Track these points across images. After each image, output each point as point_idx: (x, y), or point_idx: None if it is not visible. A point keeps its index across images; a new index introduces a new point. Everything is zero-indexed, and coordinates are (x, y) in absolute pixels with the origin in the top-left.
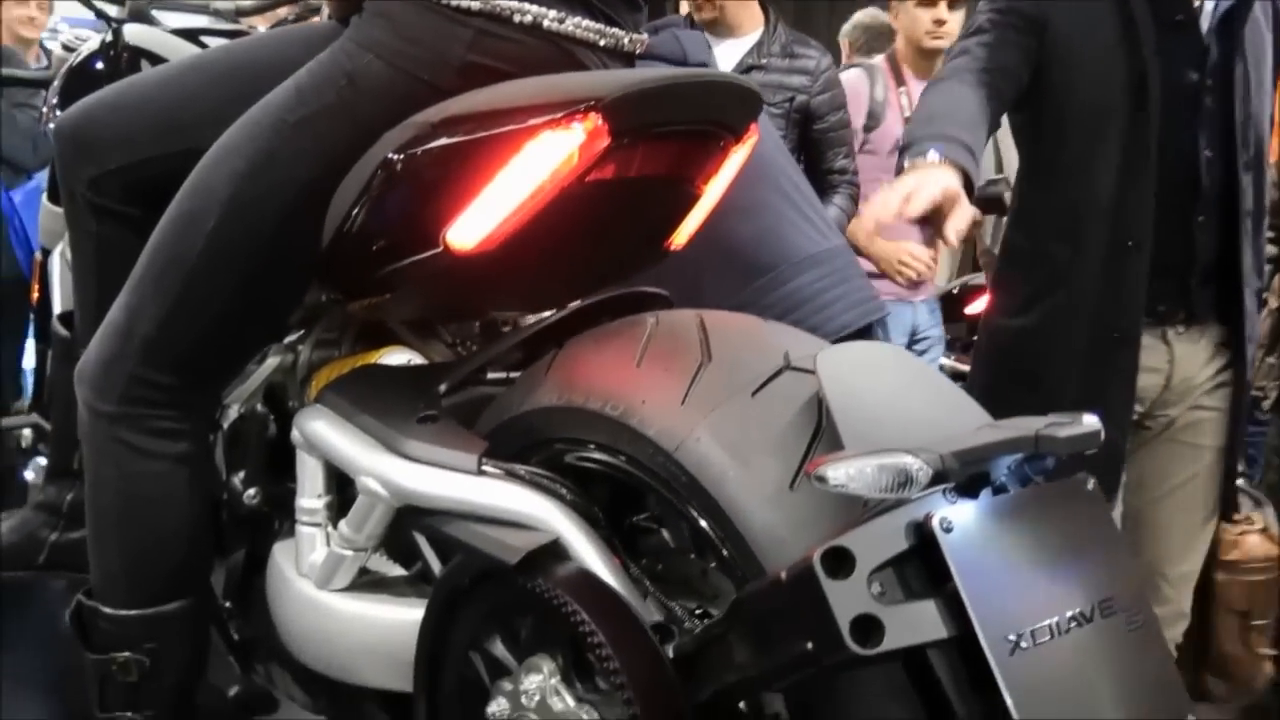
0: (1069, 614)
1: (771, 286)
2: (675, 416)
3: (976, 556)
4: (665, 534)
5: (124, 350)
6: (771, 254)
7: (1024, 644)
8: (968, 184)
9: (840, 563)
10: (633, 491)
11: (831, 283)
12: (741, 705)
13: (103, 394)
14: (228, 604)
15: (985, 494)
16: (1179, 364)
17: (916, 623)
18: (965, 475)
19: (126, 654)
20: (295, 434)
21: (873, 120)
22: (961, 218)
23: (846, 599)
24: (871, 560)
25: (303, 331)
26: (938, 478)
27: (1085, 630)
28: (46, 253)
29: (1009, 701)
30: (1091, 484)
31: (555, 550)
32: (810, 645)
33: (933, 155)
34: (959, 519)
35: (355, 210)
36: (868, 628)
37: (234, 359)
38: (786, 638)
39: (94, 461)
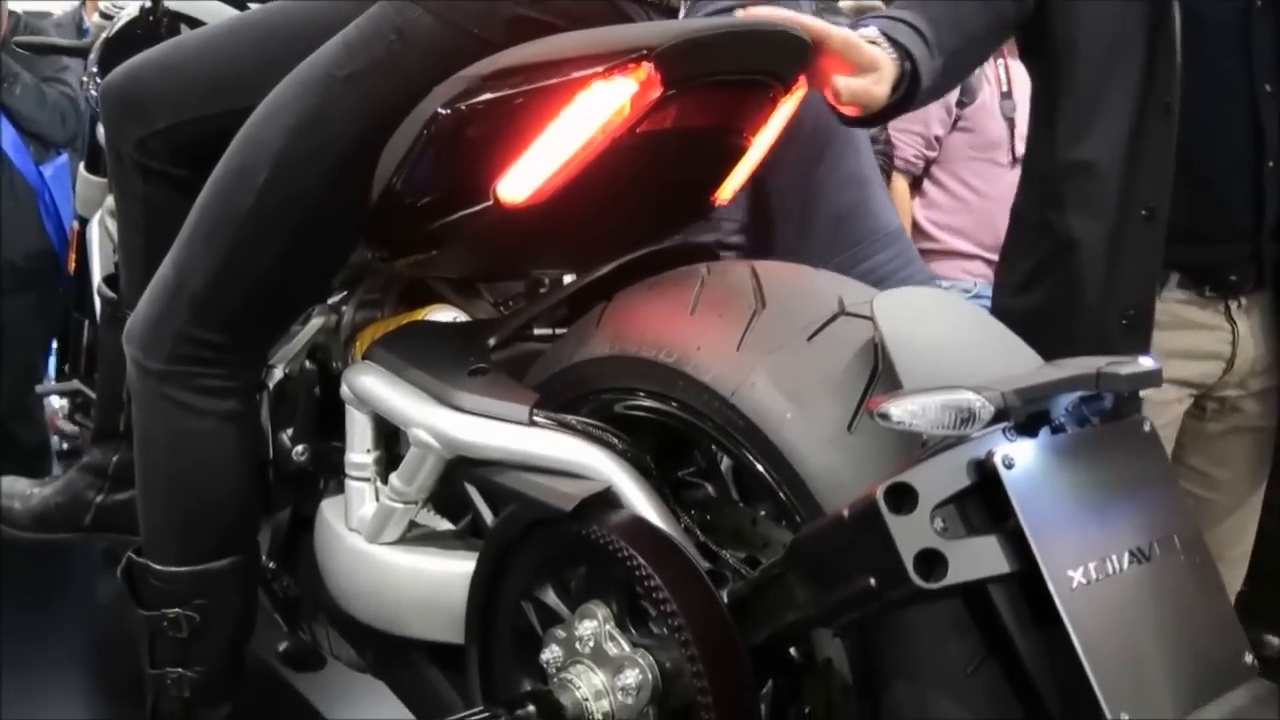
0: (1128, 551)
1: (859, 259)
2: (731, 362)
3: (1037, 493)
4: (710, 488)
5: (173, 308)
6: (865, 226)
7: (1085, 579)
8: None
9: (903, 499)
10: (678, 445)
11: (901, 263)
12: (794, 652)
13: (151, 352)
14: (273, 564)
15: (1044, 433)
16: (1242, 343)
17: (979, 558)
18: (1026, 413)
19: (177, 610)
20: (344, 390)
21: (967, 95)
22: (858, 84)
23: (910, 534)
24: (934, 496)
25: (346, 293)
26: (999, 416)
27: (1145, 567)
28: (84, 222)
29: (1073, 635)
30: (1148, 425)
31: (608, 498)
32: (873, 581)
33: (870, 31)
34: (1020, 456)
35: (404, 165)
36: (931, 562)
37: (282, 317)
38: (848, 575)
39: (142, 419)
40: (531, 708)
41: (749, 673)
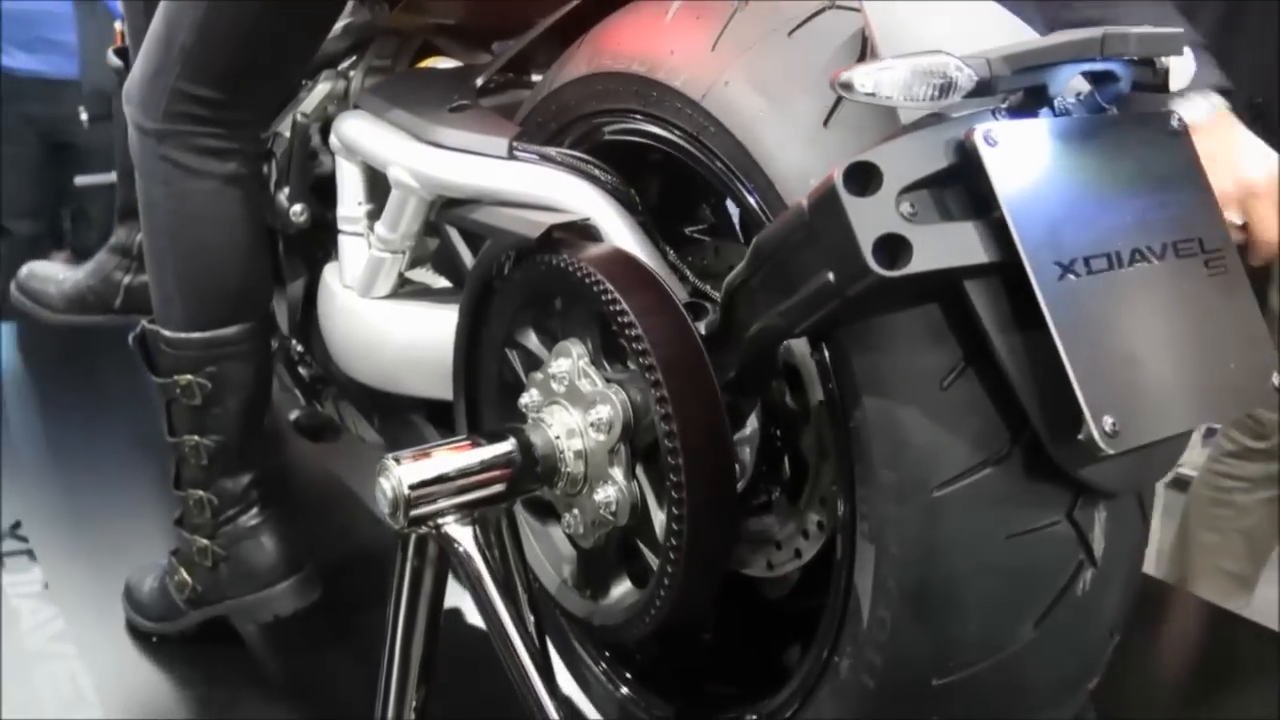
0: (1134, 248)
1: None
2: (704, 63)
3: (1026, 174)
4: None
5: (165, 62)
6: None
7: (1076, 271)
8: None
9: (866, 179)
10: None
11: None
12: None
13: (148, 110)
14: (291, 339)
15: (1045, 114)
16: None
17: (951, 245)
18: (1019, 86)
19: (189, 377)
20: (333, 139)
21: None
22: None
23: (870, 217)
24: (902, 177)
25: (355, 57)
26: (983, 87)
27: (1153, 266)
28: None
29: (1053, 329)
30: (1177, 120)
31: (585, 229)
32: (832, 275)
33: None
34: (1007, 134)
35: None
36: (895, 250)
37: (275, 71)
38: (808, 270)
39: (144, 183)
40: (504, 444)
41: (720, 405)
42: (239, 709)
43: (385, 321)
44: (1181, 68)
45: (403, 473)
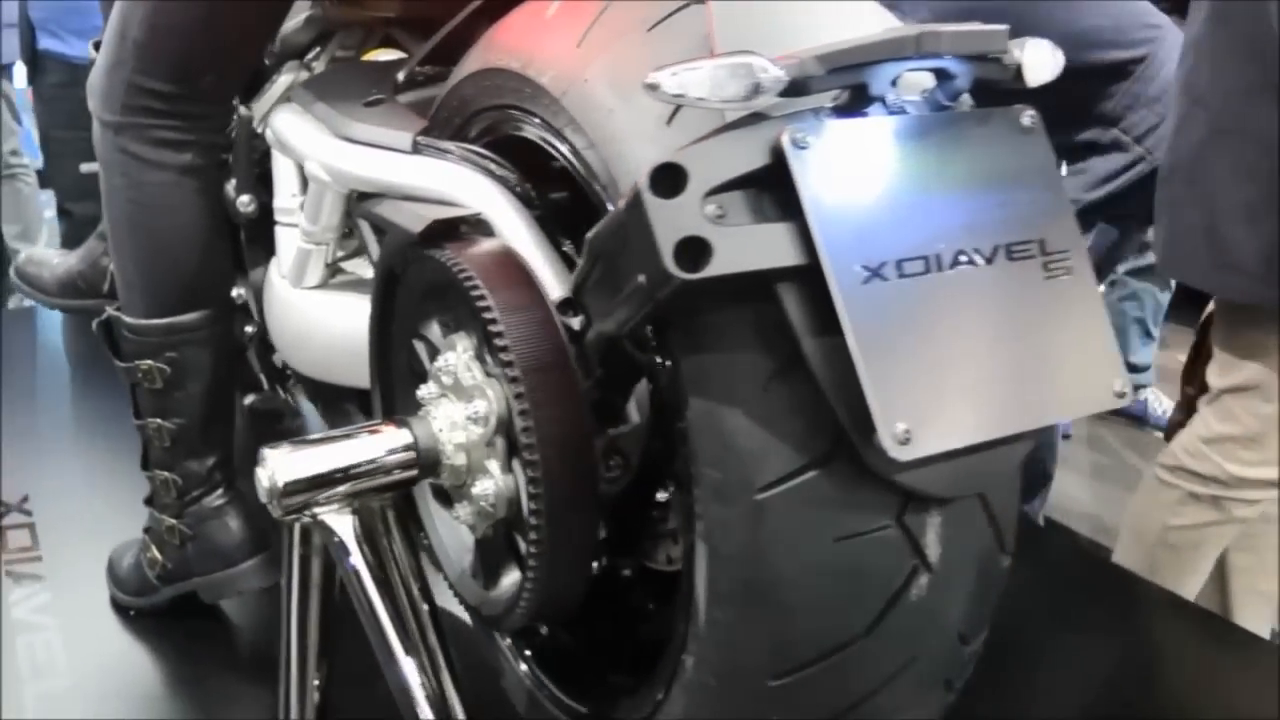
0: (959, 250)
1: None
2: (569, 60)
3: (836, 176)
4: None
5: (120, 56)
6: None
7: (884, 275)
8: None
9: (672, 181)
10: None
11: None
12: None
13: (107, 103)
14: (252, 327)
15: (874, 113)
16: None
17: (754, 247)
18: (835, 85)
19: (149, 362)
20: (268, 132)
21: None
22: None
23: (673, 219)
24: (709, 178)
25: (319, 48)
26: (796, 86)
27: (978, 270)
28: None
29: (848, 332)
30: (1029, 118)
31: (479, 225)
32: (643, 278)
33: None
34: (821, 135)
35: None
36: (698, 252)
37: (226, 63)
38: (626, 272)
39: (105, 173)
40: (385, 436)
41: (579, 402)
42: (206, 684)
43: (314, 311)
44: (1038, 61)
45: (277, 463)
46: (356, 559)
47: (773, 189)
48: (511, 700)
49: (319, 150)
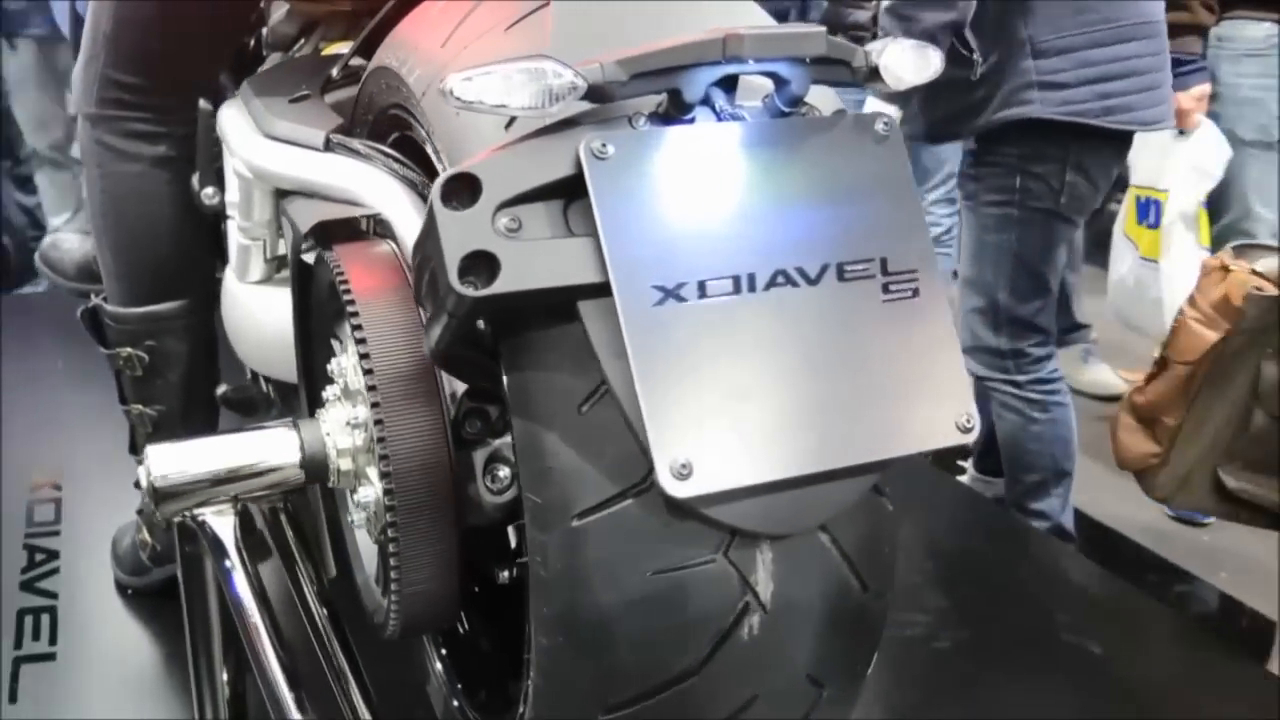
0: (778, 269)
1: None
2: (433, 60)
3: (637, 188)
4: None
5: (94, 50)
6: None
7: (682, 295)
8: None
9: (467, 192)
10: None
11: None
12: None
13: (85, 97)
14: None
15: (697, 120)
16: None
17: (545, 263)
18: (642, 91)
19: (129, 350)
20: (218, 128)
21: None
22: None
23: (461, 233)
24: (503, 190)
25: (303, 40)
26: (597, 92)
27: (798, 291)
28: None
29: (630, 356)
30: (883, 124)
31: (370, 224)
32: (439, 290)
33: None
34: (625, 145)
35: None
36: (485, 267)
37: (192, 56)
38: (433, 287)
39: (85, 165)
40: (269, 438)
41: (437, 413)
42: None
43: (254, 305)
44: (898, 64)
45: (155, 462)
46: (233, 560)
47: (577, 201)
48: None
49: (243, 147)
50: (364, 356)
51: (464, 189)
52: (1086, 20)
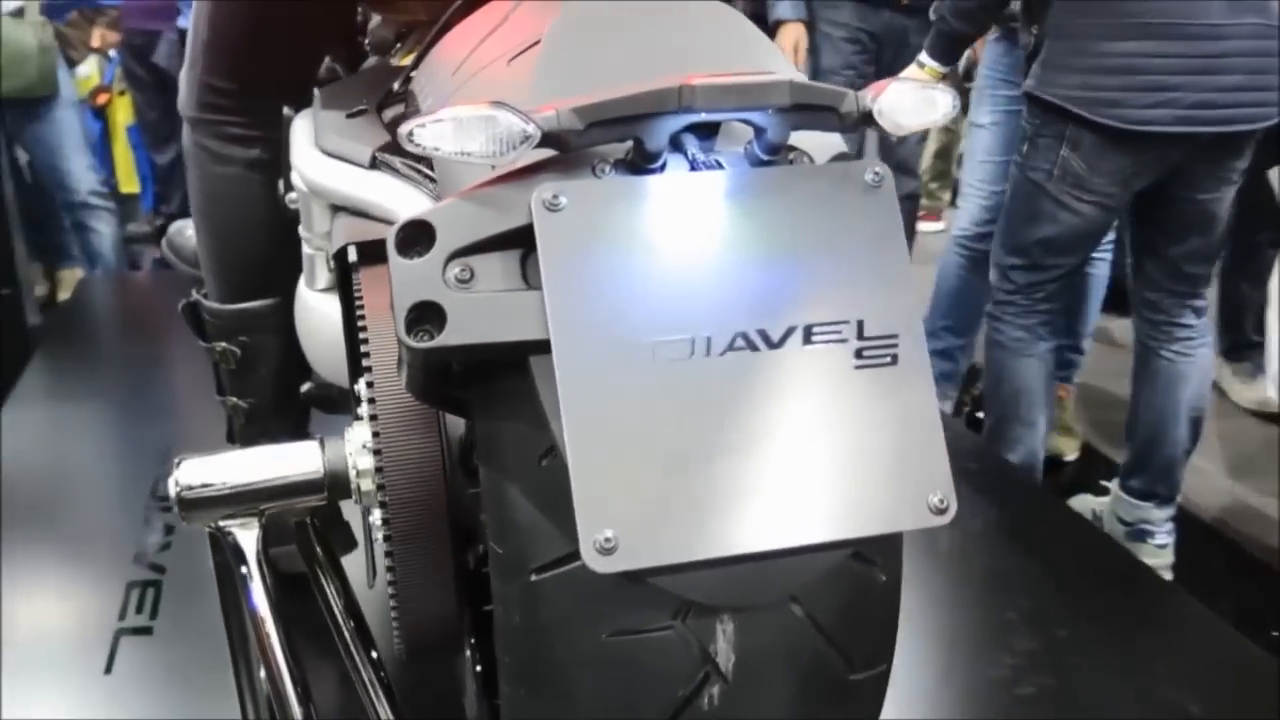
0: (739, 331)
1: None
2: (443, 88)
3: (593, 240)
4: None
5: (194, 56)
6: None
7: (631, 358)
8: None
9: (425, 240)
10: None
11: None
12: None
13: (187, 101)
14: None
15: (668, 168)
16: None
17: (491, 316)
18: (601, 140)
19: (224, 344)
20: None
21: None
22: None
23: (412, 282)
24: (456, 239)
25: (399, 45)
26: (555, 140)
27: (758, 355)
28: None
29: (564, 422)
30: (874, 174)
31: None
32: (397, 338)
33: None
34: (581, 195)
35: None
36: (435, 318)
37: (283, 61)
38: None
39: (187, 165)
40: (295, 455)
41: (434, 439)
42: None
43: (317, 312)
44: (897, 107)
45: (181, 472)
46: (252, 572)
47: (535, 252)
48: None
49: (298, 159)
50: (369, 385)
51: (422, 236)
52: (1108, 10)
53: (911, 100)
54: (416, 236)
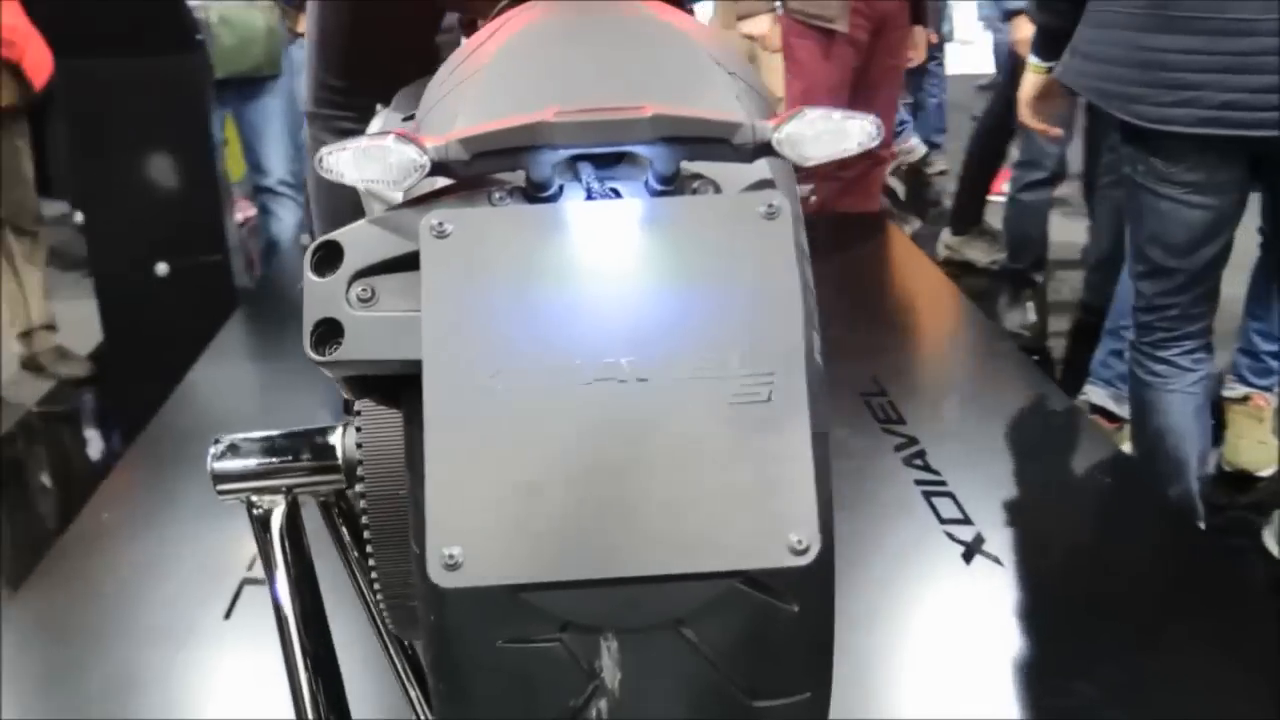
0: (605, 362)
1: None
2: (426, 99)
3: (474, 268)
4: None
5: (311, 57)
6: None
7: (495, 385)
8: None
9: (333, 259)
10: None
11: None
12: None
13: (308, 96)
14: None
15: (565, 197)
16: None
17: (382, 335)
18: (488, 170)
19: None
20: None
21: None
22: None
23: (319, 299)
24: (360, 260)
25: None
26: (444, 169)
27: (626, 388)
28: None
29: (427, 438)
30: (770, 205)
31: None
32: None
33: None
34: (468, 223)
35: None
36: (335, 334)
37: (386, 60)
38: None
39: (308, 158)
40: (313, 439)
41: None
42: None
43: None
44: (799, 137)
45: (216, 448)
46: (274, 546)
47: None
48: None
49: None
50: None
51: (335, 255)
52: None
53: (818, 129)
54: (331, 256)
